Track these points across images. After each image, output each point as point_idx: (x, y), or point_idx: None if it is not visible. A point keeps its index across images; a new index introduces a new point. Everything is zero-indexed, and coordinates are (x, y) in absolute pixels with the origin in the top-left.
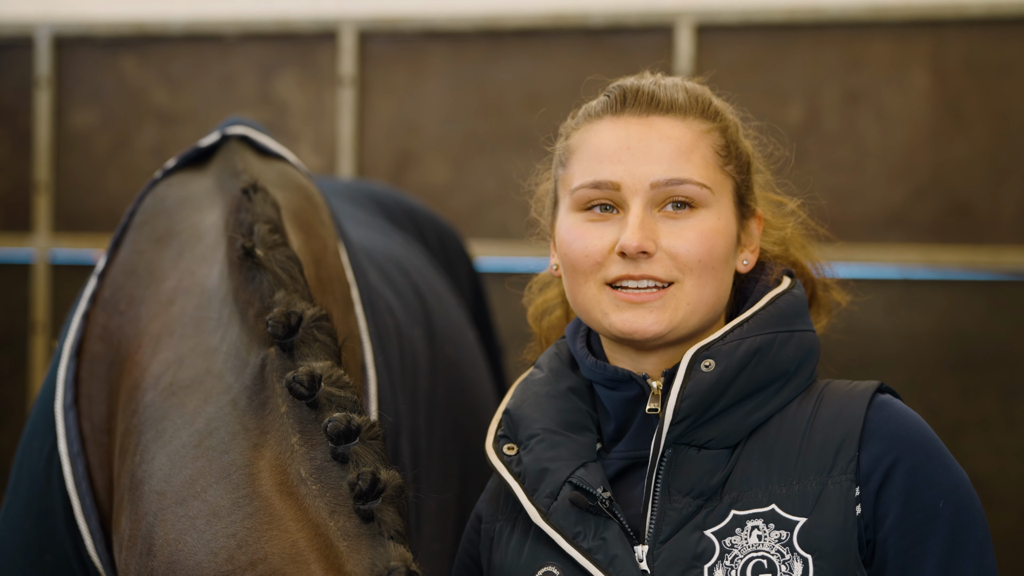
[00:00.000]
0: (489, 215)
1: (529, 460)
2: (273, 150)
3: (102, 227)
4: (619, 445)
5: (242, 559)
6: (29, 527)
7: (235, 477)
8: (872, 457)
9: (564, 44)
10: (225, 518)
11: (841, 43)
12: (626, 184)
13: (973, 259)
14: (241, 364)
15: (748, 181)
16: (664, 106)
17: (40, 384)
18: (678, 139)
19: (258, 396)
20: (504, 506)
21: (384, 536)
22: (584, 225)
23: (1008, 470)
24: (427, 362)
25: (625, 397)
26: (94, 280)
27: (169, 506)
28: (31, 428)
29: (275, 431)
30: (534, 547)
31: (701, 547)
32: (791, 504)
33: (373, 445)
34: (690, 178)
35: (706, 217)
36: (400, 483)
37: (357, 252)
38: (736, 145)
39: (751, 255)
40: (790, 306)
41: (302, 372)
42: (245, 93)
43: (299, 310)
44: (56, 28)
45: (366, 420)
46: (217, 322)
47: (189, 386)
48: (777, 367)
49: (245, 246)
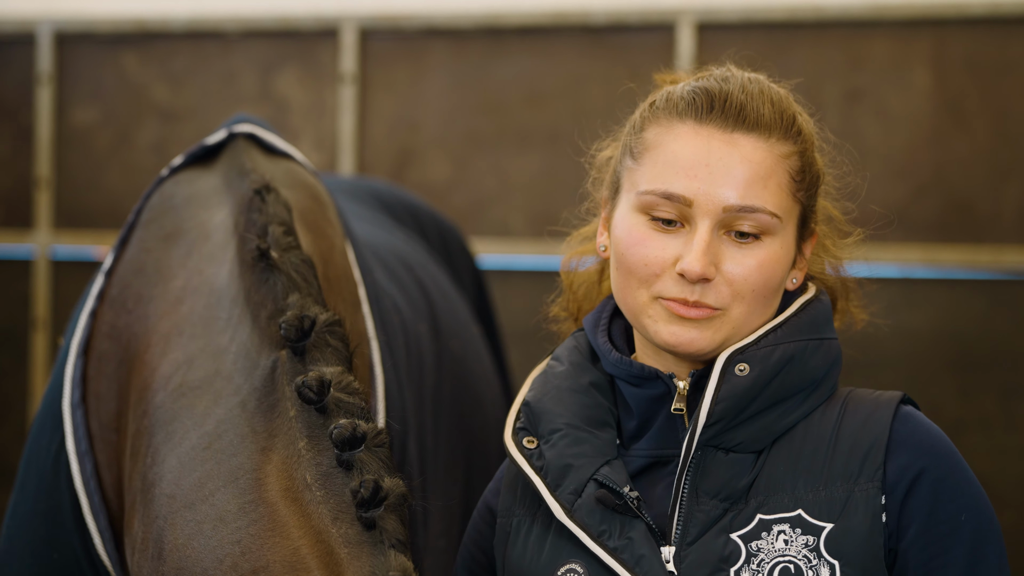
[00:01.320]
0: (489, 212)
1: (552, 455)
2: (280, 148)
3: (103, 224)
4: (640, 443)
5: (245, 567)
6: (37, 526)
7: (242, 481)
8: (899, 467)
9: (565, 42)
10: (231, 524)
11: (842, 42)
12: (699, 203)
13: (974, 258)
14: (251, 366)
15: (814, 202)
16: (750, 122)
17: (40, 380)
18: (758, 163)
19: (267, 399)
20: (522, 500)
21: (385, 544)
22: (647, 231)
23: (1008, 469)
24: (433, 358)
25: (650, 395)
26: (101, 278)
27: (178, 510)
28: (38, 426)
29: (283, 435)
30: (556, 543)
31: (728, 550)
32: (818, 509)
33: (378, 453)
34: (763, 207)
35: (770, 246)
36: (403, 491)
37: (363, 249)
38: (811, 167)
39: (799, 273)
40: (820, 313)
41: (312, 377)
42: (246, 90)
43: (312, 314)
44: (57, 25)
45: (372, 427)
46: (227, 322)
47: (199, 387)
48: (807, 374)
49: (260, 247)
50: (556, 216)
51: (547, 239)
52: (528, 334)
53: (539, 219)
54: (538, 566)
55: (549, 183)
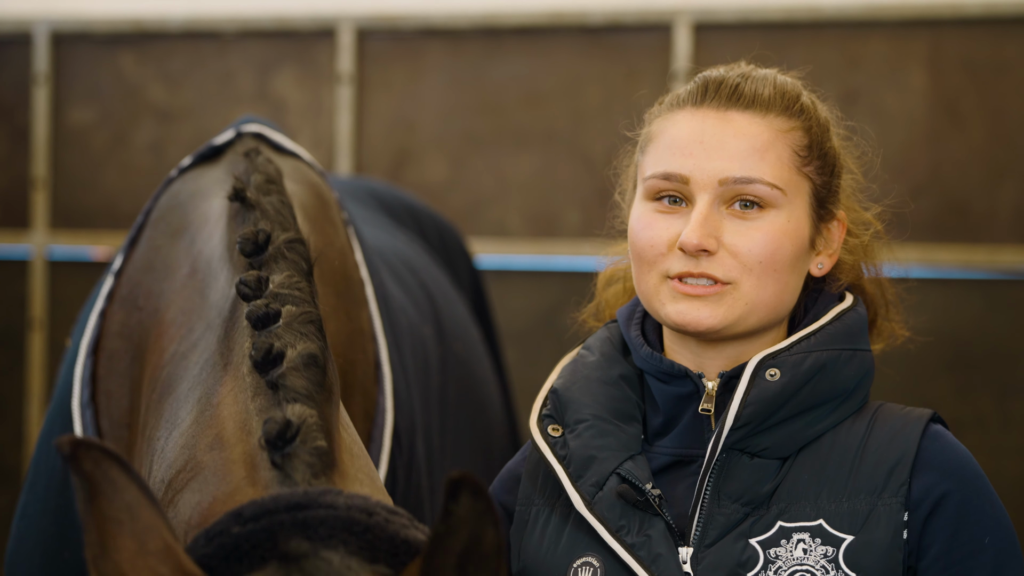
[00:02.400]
0: (487, 213)
1: (576, 445)
2: (288, 148)
3: (100, 224)
4: (664, 440)
5: (180, 463)
6: (47, 524)
7: (202, 401)
8: (924, 485)
9: (562, 42)
10: (184, 432)
11: (838, 42)
12: (695, 179)
13: (970, 258)
14: (224, 299)
15: (831, 184)
16: (745, 100)
17: (37, 381)
18: (754, 136)
19: (231, 319)
20: (543, 489)
21: (285, 402)
22: (652, 215)
23: (1004, 468)
24: (438, 360)
25: (678, 393)
26: (110, 279)
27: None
28: (48, 426)
29: (237, 343)
30: (573, 535)
31: (746, 555)
32: (839, 521)
33: (297, 325)
34: (760, 178)
35: (775, 218)
36: (309, 350)
37: (370, 251)
38: (821, 146)
39: (828, 259)
40: (855, 324)
41: (249, 275)
42: (243, 90)
43: (267, 229)
44: (54, 25)
45: (291, 309)
46: (215, 278)
47: (194, 345)
48: (838, 384)
49: (236, 187)
50: (553, 216)
51: (545, 239)
52: (524, 335)
53: (536, 219)
54: (554, 557)
55: (546, 183)
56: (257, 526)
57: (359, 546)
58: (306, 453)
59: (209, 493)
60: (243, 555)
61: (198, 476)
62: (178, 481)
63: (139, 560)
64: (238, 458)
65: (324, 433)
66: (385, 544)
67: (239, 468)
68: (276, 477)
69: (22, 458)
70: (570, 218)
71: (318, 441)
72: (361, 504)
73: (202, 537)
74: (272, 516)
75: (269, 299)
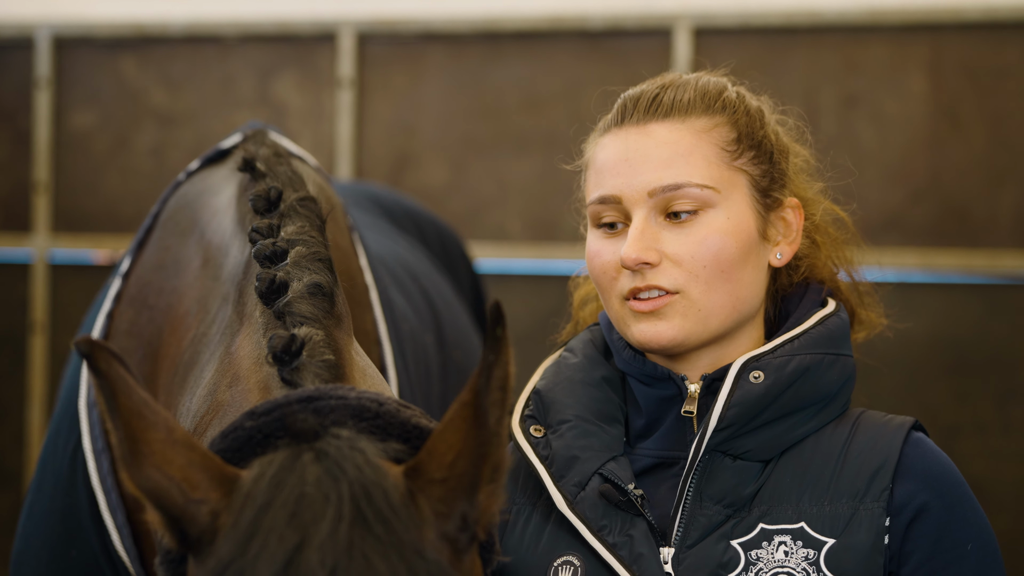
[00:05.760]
0: (487, 217)
1: (559, 445)
2: (293, 151)
3: (101, 227)
4: (647, 442)
5: (203, 409)
6: (54, 524)
7: (223, 354)
8: (906, 492)
9: (562, 47)
10: (207, 384)
11: (839, 47)
12: (626, 196)
13: (970, 263)
14: (237, 265)
15: (772, 171)
16: (663, 110)
17: (38, 384)
18: (675, 143)
19: (245, 278)
20: (524, 488)
21: (292, 325)
22: (601, 242)
23: (1003, 473)
24: (438, 368)
25: (660, 395)
26: (118, 280)
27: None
28: (55, 427)
29: (251, 296)
30: (555, 535)
31: (727, 556)
32: (821, 524)
33: (303, 263)
34: (688, 181)
35: (713, 219)
36: (314, 280)
37: (374, 258)
38: (752, 136)
39: (787, 247)
40: (838, 329)
41: (261, 223)
42: (244, 94)
43: (280, 186)
44: (56, 29)
45: (300, 243)
46: (227, 254)
47: (212, 321)
48: (821, 388)
49: (245, 158)
50: (553, 220)
51: (545, 243)
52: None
53: (537, 223)
54: (535, 555)
55: (546, 187)
56: (269, 418)
57: (370, 429)
58: (314, 365)
59: (229, 423)
60: (256, 444)
61: (219, 414)
62: (202, 424)
63: (169, 450)
64: (253, 387)
65: (332, 350)
66: (396, 429)
67: (255, 395)
68: (287, 390)
69: (23, 461)
70: (570, 222)
71: (326, 355)
72: (372, 395)
73: (218, 437)
74: (283, 408)
75: (278, 241)
